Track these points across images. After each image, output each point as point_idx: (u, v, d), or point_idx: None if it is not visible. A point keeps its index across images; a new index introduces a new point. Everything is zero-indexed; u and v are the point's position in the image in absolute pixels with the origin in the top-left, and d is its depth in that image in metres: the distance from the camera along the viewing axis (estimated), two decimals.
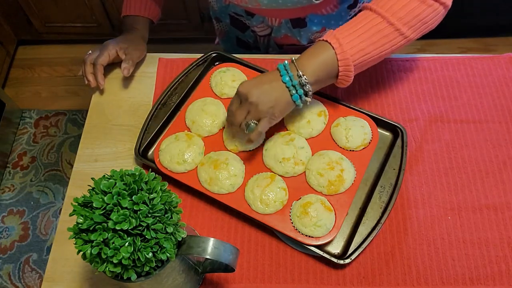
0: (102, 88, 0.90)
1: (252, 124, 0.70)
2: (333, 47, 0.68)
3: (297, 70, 0.69)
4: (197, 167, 0.77)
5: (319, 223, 0.69)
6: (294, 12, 0.85)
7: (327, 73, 0.70)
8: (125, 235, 0.50)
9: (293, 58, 0.70)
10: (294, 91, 0.69)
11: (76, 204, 0.52)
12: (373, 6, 0.69)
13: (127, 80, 0.93)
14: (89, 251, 0.50)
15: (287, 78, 0.68)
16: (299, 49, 0.96)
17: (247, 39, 1.03)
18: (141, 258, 0.51)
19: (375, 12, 0.69)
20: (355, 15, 0.90)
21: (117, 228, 0.49)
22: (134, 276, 0.53)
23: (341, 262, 0.68)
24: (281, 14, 0.88)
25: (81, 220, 0.51)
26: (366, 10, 0.71)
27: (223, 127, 0.82)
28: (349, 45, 0.68)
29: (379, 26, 0.68)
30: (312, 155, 0.78)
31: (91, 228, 0.51)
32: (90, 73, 0.87)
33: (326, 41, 0.69)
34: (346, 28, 0.70)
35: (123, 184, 0.52)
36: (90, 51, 0.89)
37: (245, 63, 0.90)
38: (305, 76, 0.68)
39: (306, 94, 0.70)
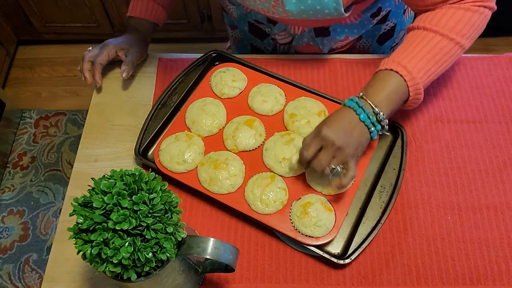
0: (100, 86, 0.90)
1: (339, 169, 0.67)
2: (401, 75, 0.68)
3: (372, 107, 0.67)
4: (197, 167, 0.77)
5: (319, 223, 0.69)
6: (319, 22, 0.85)
7: (398, 102, 0.70)
8: (125, 235, 0.50)
9: (361, 94, 0.69)
10: (372, 128, 0.68)
11: (76, 204, 0.52)
12: (428, 26, 0.70)
13: (127, 80, 0.93)
14: (89, 251, 0.51)
15: (365, 116, 0.67)
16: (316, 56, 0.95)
17: (265, 47, 1.02)
18: (141, 258, 0.51)
19: (432, 31, 0.69)
20: (379, 22, 0.91)
21: (117, 228, 0.49)
22: (134, 276, 0.53)
23: (341, 262, 0.68)
24: (305, 23, 0.87)
25: (81, 220, 0.51)
26: (419, 30, 0.71)
27: (223, 127, 0.82)
28: (416, 70, 0.68)
29: (440, 44, 0.69)
30: None
31: (91, 228, 0.51)
32: (88, 71, 0.87)
33: (391, 69, 0.68)
34: (406, 52, 0.69)
35: (123, 184, 0.52)
36: (90, 48, 0.89)
37: (245, 63, 0.90)
38: (382, 112, 0.67)
39: (382, 129, 0.69)
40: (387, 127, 0.69)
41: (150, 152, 0.83)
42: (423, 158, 0.80)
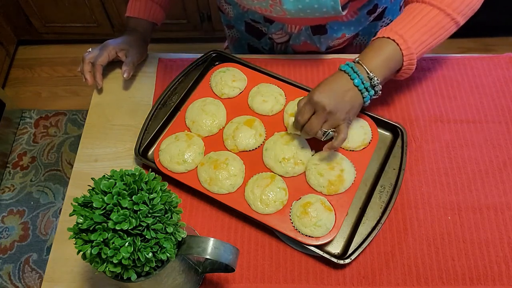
0: (100, 87, 0.90)
1: (330, 132, 0.69)
2: (397, 43, 0.69)
3: (367, 72, 0.69)
4: (197, 167, 0.77)
5: (319, 223, 0.69)
6: (316, 20, 0.85)
7: (392, 69, 0.72)
8: (125, 235, 0.50)
9: (357, 59, 0.70)
10: (366, 93, 0.69)
11: (76, 204, 0.52)
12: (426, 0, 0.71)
13: (127, 80, 0.93)
14: (89, 251, 0.50)
15: (359, 81, 0.68)
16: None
17: (262, 46, 1.02)
18: (141, 258, 0.51)
19: (430, 4, 0.71)
20: (376, 16, 0.91)
21: (117, 228, 0.49)
22: (134, 276, 0.53)
23: (341, 262, 0.68)
24: (302, 22, 0.87)
25: (81, 220, 0.51)
26: (418, 3, 0.72)
27: (223, 127, 0.82)
28: (412, 39, 0.69)
29: (437, 18, 0.70)
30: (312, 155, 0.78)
31: (91, 228, 0.51)
32: (88, 72, 0.88)
33: (388, 37, 0.70)
34: (404, 23, 0.71)
35: (123, 184, 0.52)
36: (90, 49, 0.89)
37: (245, 63, 0.90)
38: (376, 77, 0.69)
39: (375, 94, 0.71)
40: (380, 92, 0.71)
41: (150, 152, 0.83)
42: (423, 158, 0.80)
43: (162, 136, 0.82)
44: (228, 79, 0.86)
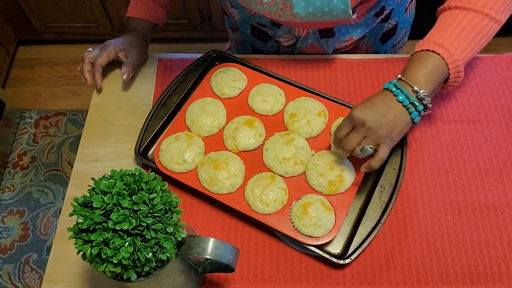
0: (100, 88, 0.90)
1: (369, 149, 0.67)
2: (438, 53, 0.67)
3: (411, 86, 0.66)
4: (197, 167, 0.77)
5: (319, 223, 0.69)
6: (324, 23, 0.85)
7: (438, 81, 0.68)
8: (125, 235, 0.50)
9: (399, 76, 0.68)
10: (413, 109, 0.66)
11: (76, 204, 0.52)
12: (459, 4, 0.69)
13: (127, 80, 0.92)
14: (89, 251, 0.51)
15: (403, 97, 0.65)
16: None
17: (268, 49, 1.01)
18: (141, 258, 0.51)
19: (464, 9, 0.68)
20: (382, 20, 0.90)
21: (117, 228, 0.49)
22: (134, 276, 0.53)
23: (341, 262, 0.68)
24: (310, 25, 0.87)
25: (81, 220, 0.51)
26: (451, 10, 0.70)
27: (223, 127, 0.82)
28: (453, 46, 0.67)
29: (474, 20, 0.68)
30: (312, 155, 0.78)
31: (91, 228, 0.51)
32: (88, 72, 0.87)
33: (427, 50, 0.68)
34: (440, 32, 0.68)
35: (123, 184, 0.52)
36: (90, 49, 0.89)
37: (245, 63, 0.90)
38: (422, 90, 0.66)
39: (425, 108, 0.67)
40: (430, 106, 0.67)
41: (150, 152, 0.83)
42: (423, 158, 0.80)
43: (162, 136, 0.82)
44: (228, 79, 0.86)
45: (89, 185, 0.54)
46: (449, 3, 0.71)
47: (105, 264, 0.51)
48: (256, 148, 0.79)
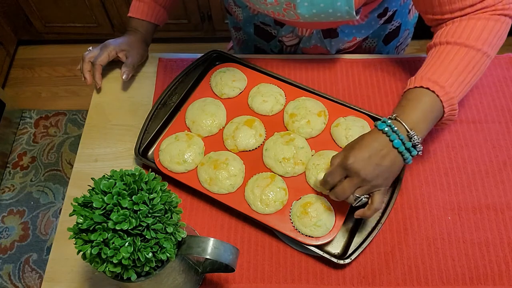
0: (100, 87, 0.90)
1: (364, 198, 0.64)
2: (433, 91, 0.64)
3: (408, 130, 0.62)
4: (197, 167, 0.77)
5: (319, 223, 0.69)
6: (328, 24, 0.85)
7: (433, 121, 0.66)
8: (125, 235, 0.50)
9: (394, 115, 0.64)
10: (407, 154, 0.63)
11: (76, 204, 0.52)
12: (451, 40, 0.67)
13: (127, 80, 0.93)
14: (89, 251, 0.51)
15: (399, 142, 0.62)
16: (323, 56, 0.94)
17: (271, 48, 1.01)
18: (141, 258, 0.51)
19: (456, 44, 0.67)
20: (385, 23, 0.90)
21: (117, 228, 0.49)
22: (134, 276, 0.53)
23: (341, 262, 0.68)
24: (314, 25, 0.87)
25: (81, 220, 0.51)
26: (443, 46, 0.68)
27: (223, 127, 0.82)
28: (448, 84, 0.64)
29: (468, 56, 0.66)
30: (312, 155, 0.78)
31: (91, 228, 0.51)
32: (88, 71, 0.87)
33: (421, 87, 0.65)
34: (434, 68, 0.66)
35: (123, 184, 0.52)
36: (90, 48, 0.89)
37: (245, 63, 0.90)
38: (417, 136, 0.62)
39: (417, 153, 0.64)
40: (421, 150, 0.64)
41: (150, 152, 0.83)
42: (423, 158, 0.80)
43: (162, 136, 0.82)
44: (228, 79, 0.86)
45: (89, 185, 0.54)
46: (439, 39, 0.69)
47: (105, 264, 0.51)
48: (256, 148, 0.79)
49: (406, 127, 0.63)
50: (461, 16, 0.68)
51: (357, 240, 0.71)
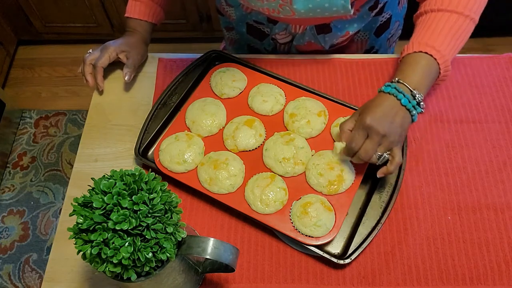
0: (102, 89, 0.90)
1: (387, 156, 0.69)
2: (430, 55, 0.71)
3: (411, 90, 0.69)
4: (197, 167, 0.77)
5: (319, 223, 0.69)
6: (322, 19, 0.85)
7: (432, 81, 0.73)
8: (125, 235, 0.50)
9: (396, 78, 0.70)
10: (414, 111, 0.69)
11: (76, 204, 0.52)
12: (441, 7, 0.73)
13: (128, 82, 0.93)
14: (89, 251, 0.50)
15: (406, 100, 0.68)
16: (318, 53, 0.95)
17: (265, 47, 1.01)
18: (141, 258, 0.51)
19: (447, 11, 0.73)
20: (376, 15, 0.92)
21: (117, 228, 0.49)
22: (134, 276, 0.53)
23: (341, 262, 0.68)
24: (308, 21, 0.87)
25: (81, 220, 0.51)
26: (433, 13, 0.74)
27: (223, 127, 0.82)
28: (443, 47, 0.71)
29: (458, 22, 0.72)
30: (312, 155, 0.78)
31: (91, 228, 0.51)
32: (89, 74, 0.88)
33: (420, 51, 0.71)
34: (429, 33, 0.72)
35: (123, 184, 0.52)
36: (91, 50, 0.89)
37: (245, 63, 0.90)
38: (420, 94, 0.69)
39: (422, 110, 0.71)
40: (424, 109, 0.71)
41: (150, 152, 0.83)
42: (423, 158, 0.80)
43: (162, 136, 0.82)
44: (228, 79, 0.86)
45: (89, 185, 0.54)
46: (430, 7, 0.74)
47: (105, 264, 0.51)
48: (256, 148, 0.79)
49: (409, 87, 0.69)
50: None
51: (357, 240, 0.71)
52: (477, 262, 0.70)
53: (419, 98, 0.69)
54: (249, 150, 0.79)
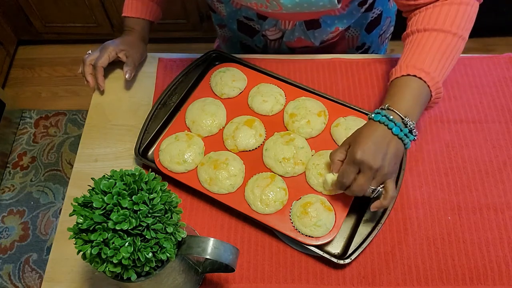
0: (103, 89, 0.90)
1: (381, 189, 0.66)
2: (419, 78, 0.67)
3: (402, 118, 0.65)
4: (197, 167, 0.77)
5: (319, 223, 0.69)
6: (310, 14, 0.85)
7: (423, 105, 0.69)
8: (125, 235, 0.50)
9: (386, 105, 0.67)
10: (406, 139, 0.66)
11: (76, 204, 0.52)
12: (427, 27, 0.70)
13: (127, 80, 0.93)
14: (89, 251, 0.51)
15: (397, 129, 0.65)
16: (311, 52, 0.95)
17: (256, 44, 1.02)
18: (141, 258, 0.51)
19: (435, 30, 0.70)
20: (366, 11, 0.91)
21: (117, 228, 0.49)
22: (134, 276, 0.53)
23: (341, 262, 0.68)
24: (296, 17, 0.87)
25: (81, 220, 0.51)
26: (420, 33, 0.71)
27: (223, 127, 0.82)
28: (432, 69, 0.68)
29: (446, 41, 0.69)
30: (312, 155, 0.78)
31: (91, 228, 0.51)
32: (90, 74, 0.88)
33: (408, 75, 0.68)
34: (416, 55, 0.69)
35: (123, 184, 0.52)
36: (90, 51, 0.89)
37: (245, 63, 0.90)
38: (411, 121, 0.66)
39: (414, 137, 0.67)
40: (417, 137, 0.68)
41: (150, 152, 0.83)
42: (423, 158, 0.80)
43: (162, 136, 0.82)
44: (228, 79, 0.86)
45: (89, 185, 0.54)
46: (416, 27, 0.72)
47: (105, 264, 0.51)
48: (256, 148, 0.79)
49: (400, 114, 0.66)
50: (433, 1, 0.72)
51: (357, 240, 0.71)
52: (477, 262, 0.70)
53: (411, 126, 0.65)
54: (249, 150, 0.79)
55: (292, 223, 0.71)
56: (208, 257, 0.56)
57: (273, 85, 0.86)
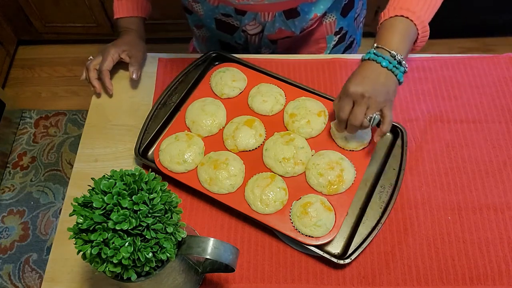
0: (112, 93, 0.90)
1: (377, 116, 0.70)
2: (406, 17, 0.71)
3: (390, 52, 0.69)
4: (197, 167, 0.77)
5: (319, 223, 0.69)
6: (288, 3, 0.86)
7: (410, 42, 0.73)
8: (125, 235, 0.50)
9: (375, 44, 0.71)
10: (397, 71, 0.70)
11: (76, 204, 0.52)
12: None
13: (127, 80, 0.93)
14: (89, 251, 0.50)
15: (386, 62, 0.69)
16: (293, 41, 0.95)
17: (236, 41, 1.01)
18: (141, 258, 0.51)
19: None
20: None
21: (117, 228, 0.49)
22: (134, 276, 0.53)
23: (341, 262, 0.68)
24: (276, 7, 0.87)
25: (81, 220, 0.51)
26: None
27: (223, 127, 0.82)
28: (418, 8, 0.71)
29: None
30: (312, 155, 0.78)
31: (91, 228, 0.51)
32: (95, 79, 0.88)
33: (396, 15, 0.71)
34: None
35: (123, 184, 0.52)
36: (91, 57, 0.89)
37: (245, 63, 0.90)
38: (399, 54, 0.70)
39: (405, 69, 0.71)
40: (407, 66, 0.71)
41: (150, 152, 0.83)
42: (423, 158, 0.80)
43: (162, 136, 0.82)
44: (228, 79, 0.86)
45: (89, 185, 0.54)
46: None
47: (105, 264, 0.51)
48: (256, 148, 0.79)
49: (388, 50, 0.70)
50: None
51: (357, 240, 0.71)
52: (477, 262, 0.70)
53: (399, 58, 0.69)
54: (249, 150, 0.79)
55: (292, 223, 0.71)
56: (208, 257, 0.56)
57: (273, 85, 0.86)
